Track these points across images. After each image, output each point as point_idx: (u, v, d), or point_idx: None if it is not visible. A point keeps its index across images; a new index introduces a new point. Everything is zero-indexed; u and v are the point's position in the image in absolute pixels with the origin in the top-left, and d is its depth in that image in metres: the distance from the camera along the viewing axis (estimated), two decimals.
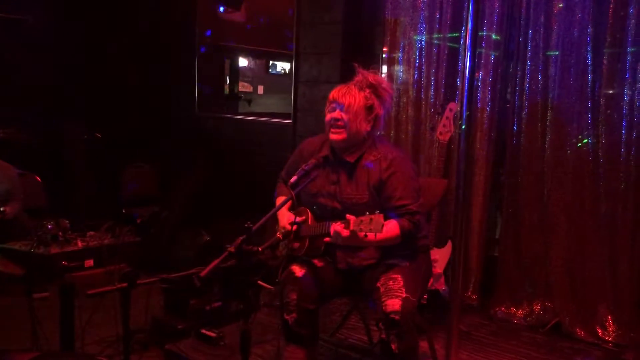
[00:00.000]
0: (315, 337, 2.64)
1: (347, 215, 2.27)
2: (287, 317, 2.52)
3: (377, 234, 2.18)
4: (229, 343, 3.11)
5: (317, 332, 2.65)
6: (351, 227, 2.23)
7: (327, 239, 2.36)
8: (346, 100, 2.46)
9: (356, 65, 2.58)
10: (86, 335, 2.95)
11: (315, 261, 2.60)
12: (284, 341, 2.61)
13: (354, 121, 2.46)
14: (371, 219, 2.16)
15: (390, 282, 2.37)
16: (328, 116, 2.51)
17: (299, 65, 4.64)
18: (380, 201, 2.46)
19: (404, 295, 2.31)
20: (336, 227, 2.30)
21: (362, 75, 2.54)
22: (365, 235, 2.21)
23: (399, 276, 2.38)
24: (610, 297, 3.39)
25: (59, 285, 2.91)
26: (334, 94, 2.51)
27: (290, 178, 2.48)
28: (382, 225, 2.16)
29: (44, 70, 5.54)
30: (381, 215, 2.16)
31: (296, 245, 2.57)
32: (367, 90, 2.49)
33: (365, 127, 2.49)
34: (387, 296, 2.33)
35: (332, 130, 2.49)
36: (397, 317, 2.27)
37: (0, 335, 3.38)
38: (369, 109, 2.49)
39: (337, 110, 2.48)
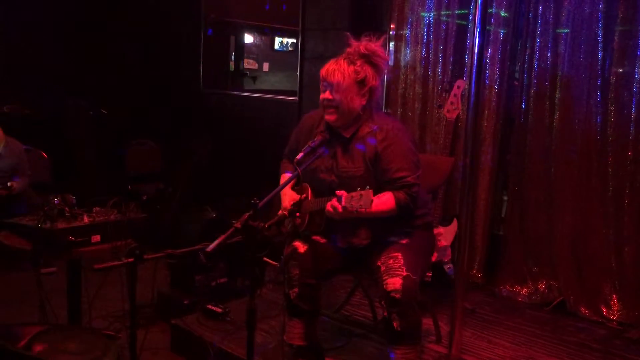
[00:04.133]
0: (317, 312, 2.65)
1: (337, 192, 2.25)
2: (289, 291, 2.54)
3: (367, 209, 2.17)
4: (234, 318, 3.14)
5: (319, 307, 2.66)
6: (342, 204, 2.22)
7: (329, 205, 2.32)
8: (334, 79, 2.39)
9: (348, 34, 2.49)
10: (93, 309, 2.98)
11: (318, 238, 2.61)
12: (286, 315, 2.63)
13: (345, 99, 2.40)
14: (361, 195, 2.16)
15: (391, 261, 2.37)
16: (320, 96, 2.47)
17: (305, 41, 4.60)
18: (376, 174, 2.44)
19: (404, 273, 2.31)
20: (330, 204, 2.30)
21: (354, 45, 2.45)
22: (357, 211, 2.20)
23: (400, 254, 2.38)
24: (615, 275, 3.39)
25: (66, 260, 2.93)
26: (323, 71, 2.43)
27: (291, 154, 2.46)
28: (372, 201, 2.15)
29: (49, 46, 5.52)
30: (370, 190, 2.15)
31: (298, 221, 2.58)
32: (359, 62, 2.40)
33: (359, 102, 2.43)
34: (387, 275, 2.33)
35: (326, 111, 2.46)
36: (397, 296, 2.28)
37: (8, 309, 3.43)
38: (361, 82, 2.41)
39: (327, 91, 2.42)
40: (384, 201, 2.36)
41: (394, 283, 2.29)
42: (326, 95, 2.42)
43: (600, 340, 3.14)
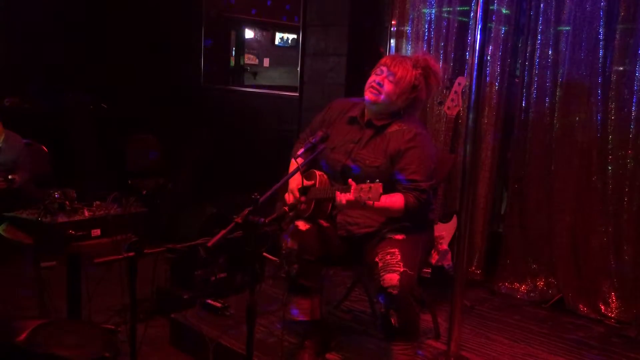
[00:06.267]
0: (319, 288, 2.66)
1: (349, 180, 2.27)
2: (289, 268, 2.56)
3: (375, 202, 2.19)
4: (234, 313, 3.14)
5: (322, 285, 2.68)
6: (351, 194, 2.24)
7: (337, 193, 2.32)
8: (398, 71, 2.46)
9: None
10: (93, 303, 2.98)
11: (322, 221, 2.62)
12: (289, 294, 2.64)
13: (394, 92, 2.47)
14: (370, 187, 2.18)
15: (388, 257, 2.37)
16: (372, 77, 2.52)
17: (306, 37, 4.60)
18: (392, 170, 2.46)
19: (401, 269, 2.32)
20: (339, 193, 2.31)
21: (422, 55, 2.55)
22: (365, 203, 2.22)
23: (397, 250, 2.39)
24: (614, 273, 3.40)
25: (66, 254, 2.93)
26: (387, 60, 2.51)
27: (312, 137, 2.50)
28: (380, 194, 2.17)
29: (49, 40, 5.51)
30: (380, 184, 2.17)
31: (303, 207, 2.60)
32: (419, 71, 2.49)
33: (402, 102, 2.50)
34: (385, 271, 2.34)
35: (370, 90, 2.50)
36: (394, 292, 2.28)
37: (8, 303, 3.43)
38: (414, 87, 2.49)
39: (384, 75, 2.48)
40: (394, 200, 2.37)
41: (391, 279, 2.30)
42: (380, 78, 2.48)
43: (598, 338, 3.15)
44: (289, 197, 2.61)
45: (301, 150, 2.40)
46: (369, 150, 2.52)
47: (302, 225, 2.57)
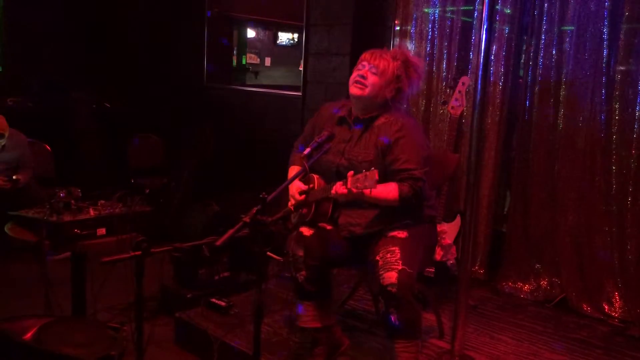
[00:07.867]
0: (327, 293, 2.67)
1: (349, 173, 2.29)
2: (296, 274, 2.56)
3: (372, 189, 2.20)
4: (238, 312, 3.15)
5: (329, 288, 2.68)
6: (348, 185, 2.25)
7: (335, 187, 2.34)
8: (379, 63, 2.51)
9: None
10: (97, 302, 2.99)
11: (324, 225, 2.63)
12: (297, 300, 2.65)
13: (378, 84, 2.50)
14: (365, 176, 2.19)
15: (388, 255, 2.38)
16: (355, 73, 2.55)
17: (309, 36, 4.60)
18: (385, 164, 2.47)
19: (400, 267, 2.32)
20: (336, 186, 2.33)
21: (402, 50, 2.61)
22: (361, 193, 2.23)
23: (397, 248, 2.39)
24: (618, 273, 3.40)
25: (72, 252, 2.94)
26: (366, 55, 2.56)
27: (305, 143, 2.50)
28: (376, 181, 2.17)
29: (53, 39, 5.52)
30: (375, 171, 2.18)
31: (304, 211, 2.61)
32: (399, 63, 2.53)
33: (387, 93, 2.53)
34: (384, 269, 2.34)
35: (355, 85, 2.52)
36: (393, 290, 2.29)
37: (14, 301, 3.44)
38: (397, 78, 2.52)
39: (366, 69, 2.52)
40: (389, 190, 2.38)
41: (390, 277, 2.30)
42: (363, 72, 2.52)
43: (601, 338, 3.16)
44: (290, 203, 2.62)
45: (307, 150, 2.40)
46: (360, 147, 2.54)
47: (306, 230, 2.58)
